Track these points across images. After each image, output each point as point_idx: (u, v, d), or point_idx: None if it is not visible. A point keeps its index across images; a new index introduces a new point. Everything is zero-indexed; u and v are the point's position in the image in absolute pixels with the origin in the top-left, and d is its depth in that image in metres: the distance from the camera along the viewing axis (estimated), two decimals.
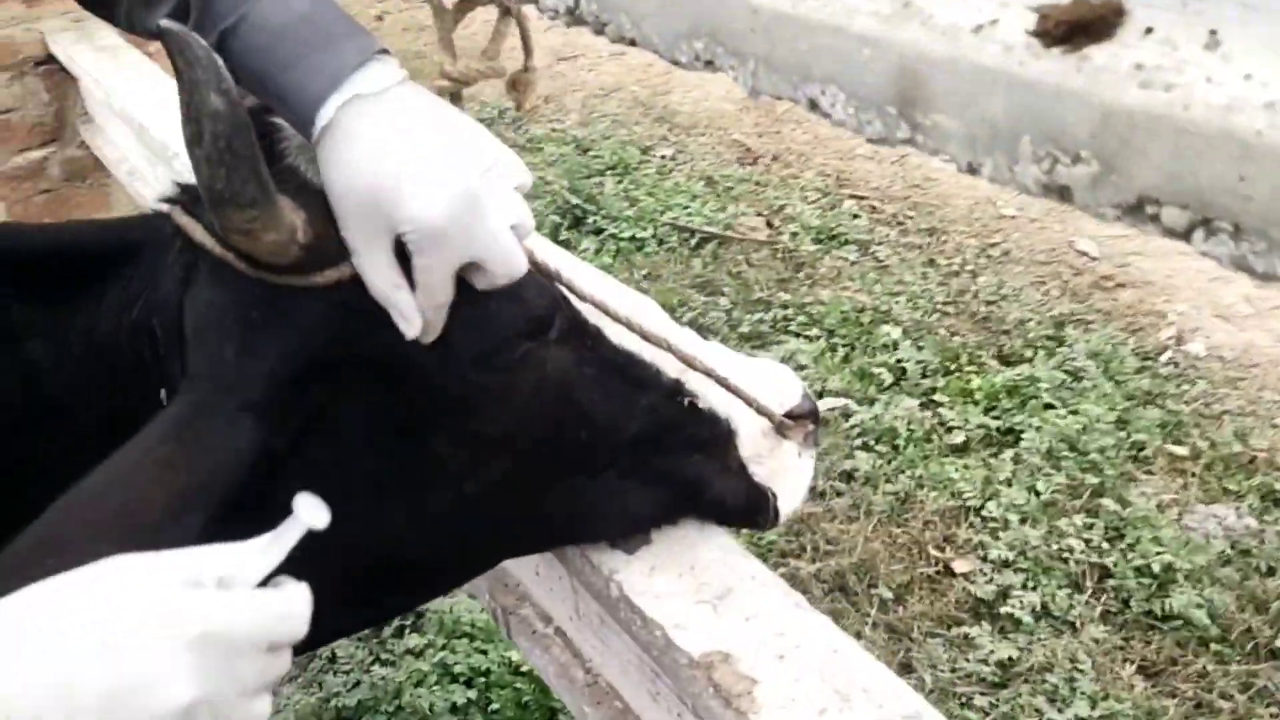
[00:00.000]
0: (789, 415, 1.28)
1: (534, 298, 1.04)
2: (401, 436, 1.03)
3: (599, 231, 4.32)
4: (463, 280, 0.97)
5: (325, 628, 1.31)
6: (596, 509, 1.19)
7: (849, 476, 3.05)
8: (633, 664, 1.34)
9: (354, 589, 1.17)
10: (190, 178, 0.89)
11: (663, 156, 5.00)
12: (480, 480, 1.08)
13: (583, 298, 1.12)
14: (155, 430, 0.89)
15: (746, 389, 1.23)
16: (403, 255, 0.92)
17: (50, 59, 2.86)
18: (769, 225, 4.43)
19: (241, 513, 0.93)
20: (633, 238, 4.27)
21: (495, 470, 1.09)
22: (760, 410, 1.24)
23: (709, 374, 1.21)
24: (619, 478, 1.18)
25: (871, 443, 3.15)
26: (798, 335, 3.66)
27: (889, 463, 3.08)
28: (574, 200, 4.44)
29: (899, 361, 3.50)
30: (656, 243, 4.27)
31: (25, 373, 1.01)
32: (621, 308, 1.15)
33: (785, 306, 3.81)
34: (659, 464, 1.19)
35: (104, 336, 1.01)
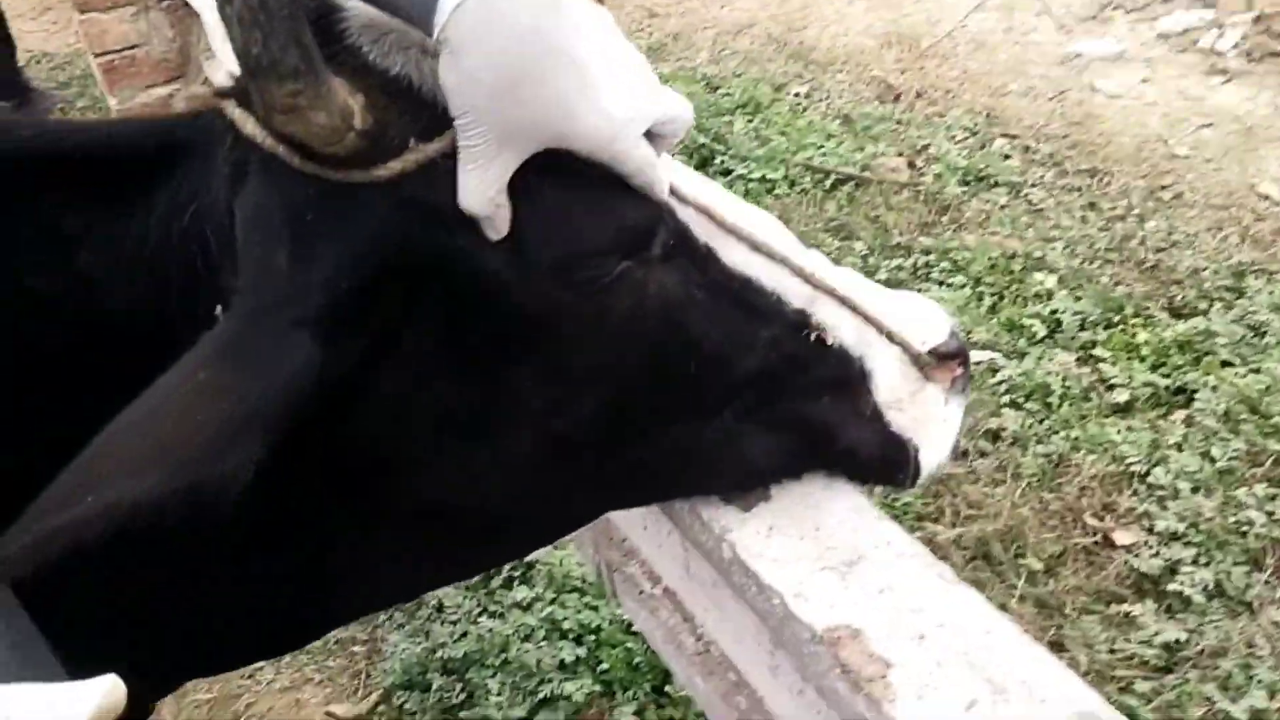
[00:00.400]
0: (934, 354, 1.08)
1: (631, 206, 0.88)
2: (478, 365, 0.90)
3: (727, 172, 4.12)
4: (544, 183, 0.82)
5: (407, 583, 1.21)
6: (706, 458, 1.03)
7: (995, 436, 2.80)
8: (749, 633, 1.18)
9: (429, 542, 1.05)
10: None
11: (796, 94, 4.74)
12: (569, 419, 0.94)
13: (688, 203, 0.95)
14: (199, 353, 0.77)
15: (886, 321, 1.05)
16: None
17: None
18: (911, 166, 4.14)
19: (306, 451, 0.82)
20: (763, 179, 4.05)
21: (586, 408, 0.94)
22: (902, 347, 1.06)
23: (843, 303, 1.03)
24: (734, 421, 1.02)
25: (1021, 400, 2.89)
26: (940, 283, 3.39)
27: (1040, 422, 2.82)
28: (701, 139, 4.25)
29: (1054, 312, 3.21)
30: (788, 184, 4.04)
31: (77, 288, 0.91)
32: (739, 222, 0.97)
33: (927, 252, 3.55)
34: (780, 407, 1.02)
35: (156, 247, 0.90)
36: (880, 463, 1.07)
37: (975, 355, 3.02)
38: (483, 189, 0.80)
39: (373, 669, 2.34)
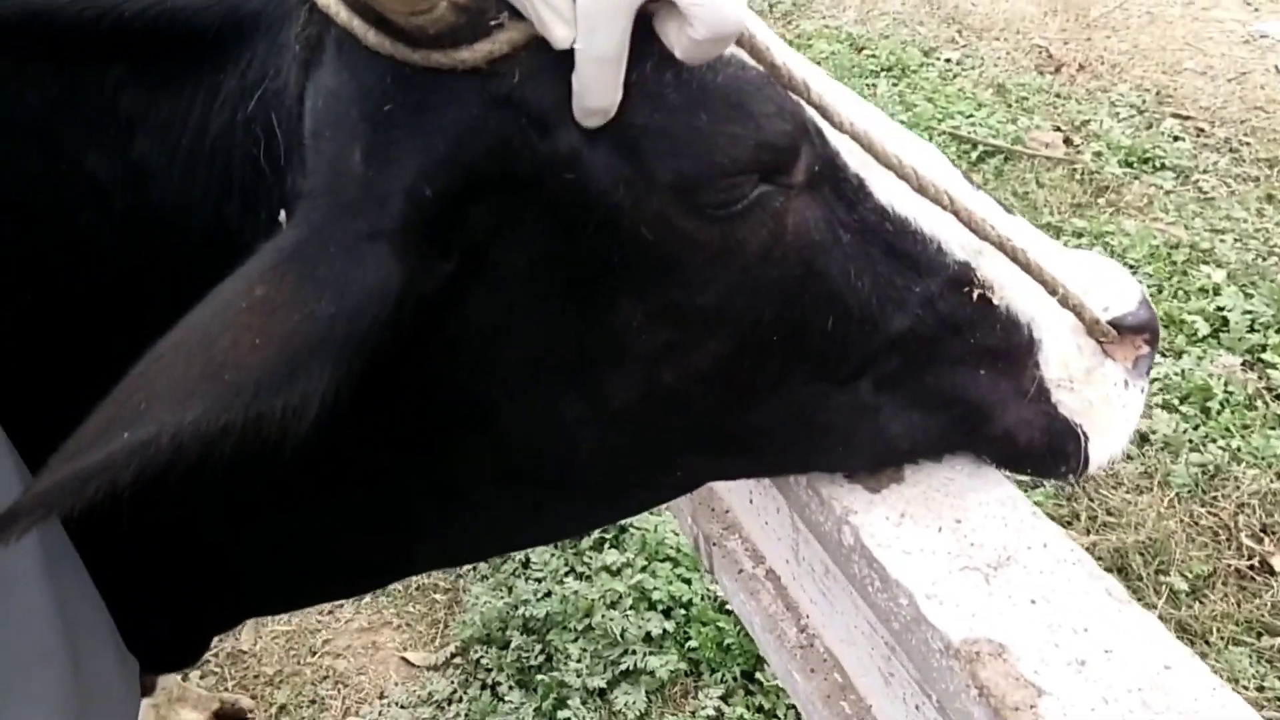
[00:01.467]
0: (1117, 326, 0.91)
1: (769, 114, 0.73)
2: (579, 297, 0.76)
3: None
4: (666, 81, 0.68)
5: (485, 540, 1.10)
6: (835, 428, 0.88)
7: (1144, 439, 2.55)
8: (861, 632, 1.03)
9: (511, 498, 0.93)
10: None
11: (947, 60, 4.46)
12: (680, 369, 0.80)
13: (842, 129, 0.78)
14: (258, 264, 0.65)
15: (1064, 283, 0.88)
16: None
17: None
18: (1067, 142, 3.84)
19: (379, 386, 0.70)
20: None
21: (704, 358, 0.80)
22: (1080, 314, 0.88)
23: (1014, 258, 0.86)
24: (874, 391, 0.87)
25: (1175, 402, 2.63)
26: None
27: (1196, 428, 2.55)
28: None
29: (1219, 309, 2.92)
30: None
31: (131, 177, 0.81)
32: (899, 153, 0.81)
33: (1080, 235, 3.28)
34: (930, 377, 0.87)
35: (217, 136, 0.79)
36: (1042, 451, 0.91)
37: None
38: (599, 72, 0.65)
39: (452, 619, 2.27)
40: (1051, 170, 3.67)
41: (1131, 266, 3.11)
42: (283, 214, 0.74)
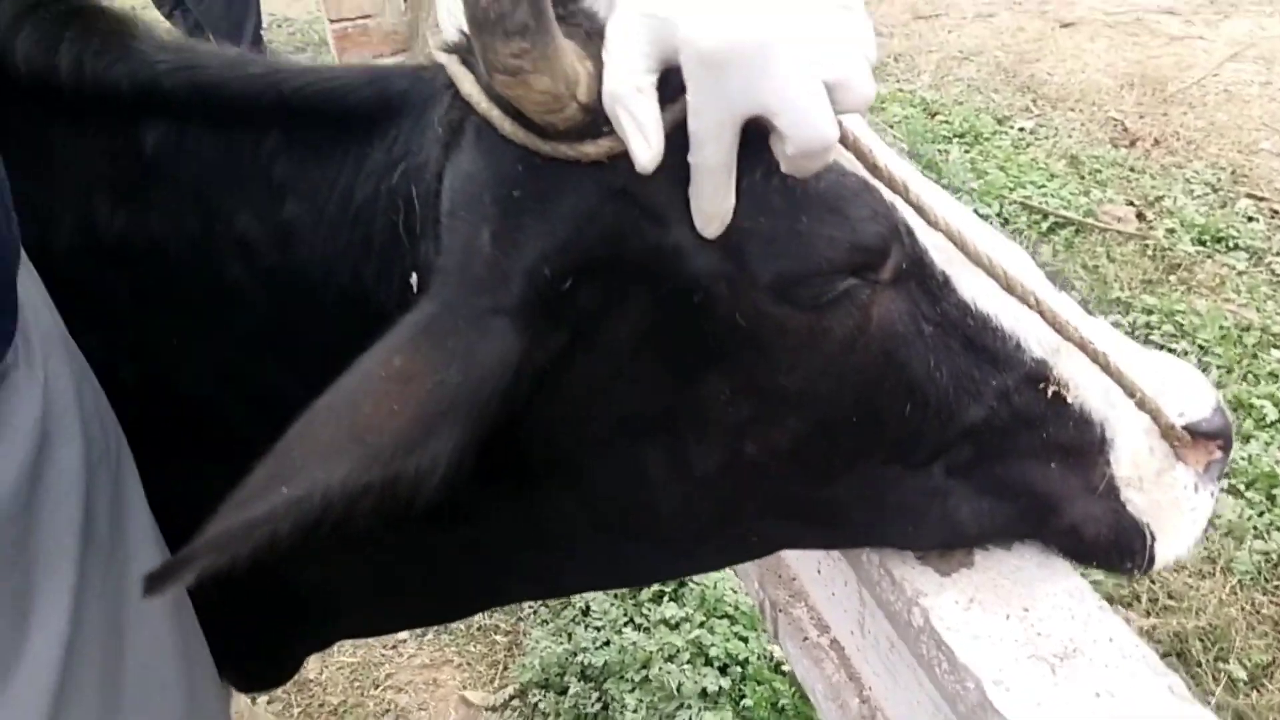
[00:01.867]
0: (1191, 430, 0.93)
1: (864, 218, 0.78)
2: (674, 369, 0.82)
3: None
4: (770, 187, 0.74)
5: (559, 581, 1.16)
6: (907, 511, 0.92)
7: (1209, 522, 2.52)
8: (925, 710, 1.06)
9: (588, 545, 0.98)
10: None
11: (1021, 129, 4.48)
12: (762, 443, 0.85)
13: (936, 227, 0.83)
14: (393, 338, 0.73)
15: (1140, 385, 0.91)
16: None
17: None
18: (1140, 217, 3.83)
19: (495, 435, 0.76)
20: (975, 212, 3.82)
21: (785, 435, 0.85)
22: (1156, 417, 0.91)
23: (1092, 358, 0.89)
24: (946, 476, 0.90)
25: (1241, 487, 2.60)
26: (1161, 347, 3.08)
27: (1261, 515, 2.52)
28: (914, 165, 4.06)
29: None
30: (1001, 222, 3.82)
31: (280, 236, 0.88)
32: (986, 251, 0.86)
33: (1149, 312, 3.26)
34: (1001, 467, 0.91)
35: (361, 204, 0.86)
36: (1108, 547, 0.93)
37: None
38: (711, 181, 0.71)
39: (511, 661, 2.31)
40: (1123, 245, 3.66)
41: (1202, 347, 3.09)
42: (414, 277, 0.82)
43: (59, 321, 0.86)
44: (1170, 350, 3.09)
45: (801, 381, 0.82)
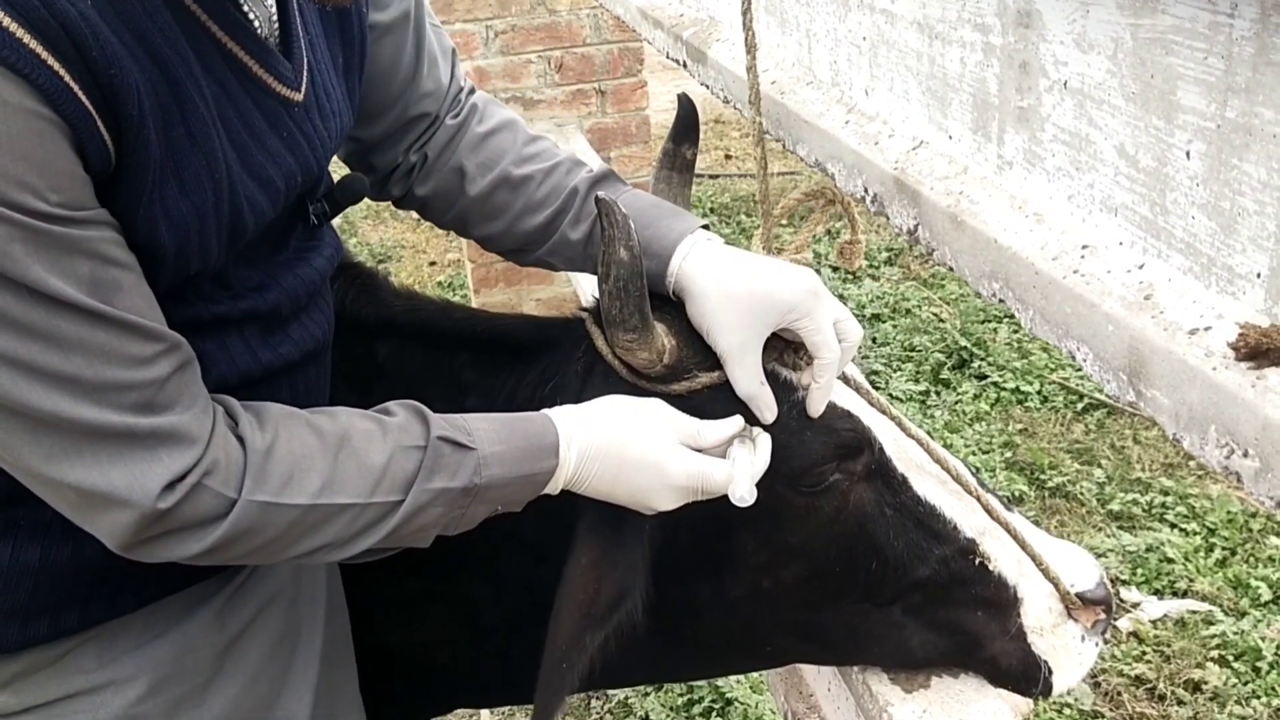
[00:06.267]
0: (1082, 597, 1.33)
1: (844, 429, 1.24)
2: (716, 528, 1.25)
3: (982, 377, 4.33)
4: (791, 413, 1.20)
5: (625, 674, 1.59)
6: (875, 635, 1.32)
7: (1196, 687, 2.82)
8: None
9: (651, 647, 1.40)
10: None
11: None
12: (776, 580, 1.28)
13: (909, 434, 1.29)
14: (583, 546, 1.19)
15: (1044, 561, 1.31)
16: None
17: None
18: None
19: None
20: (1016, 389, 4.23)
21: (790, 575, 1.27)
22: (1054, 584, 1.31)
23: (1009, 539, 1.30)
24: (902, 614, 1.30)
25: (1229, 658, 2.89)
26: (1173, 525, 3.43)
27: (1244, 683, 2.81)
28: (963, 342, 4.49)
29: None
30: (1039, 399, 4.20)
31: None
32: (935, 460, 1.29)
33: (1166, 493, 3.59)
34: (941, 612, 1.30)
35: (519, 404, 1.32)
36: (1016, 674, 1.31)
37: (1192, 605, 3.05)
38: (748, 373, 1.17)
39: None
40: (1149, 430, 4.01)
41: (1209, 528, 3.40)
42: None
43: None
44: (1181, 530, 3.41)
45: (802, 541, 1.25)
